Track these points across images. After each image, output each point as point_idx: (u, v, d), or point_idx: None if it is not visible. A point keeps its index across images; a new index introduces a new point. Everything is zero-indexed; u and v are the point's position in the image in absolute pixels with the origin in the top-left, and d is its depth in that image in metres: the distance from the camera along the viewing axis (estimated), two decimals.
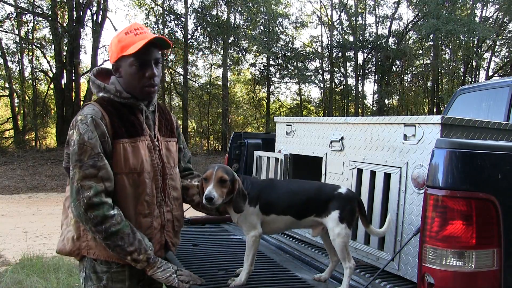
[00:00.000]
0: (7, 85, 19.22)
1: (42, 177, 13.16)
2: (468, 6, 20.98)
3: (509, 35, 22.96)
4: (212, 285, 1.98)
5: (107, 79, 1.96)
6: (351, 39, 23.69)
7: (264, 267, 2.29)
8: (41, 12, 18.53)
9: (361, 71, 24.49)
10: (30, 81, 20.53)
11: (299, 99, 26.55)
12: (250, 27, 20.76)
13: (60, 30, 17.13)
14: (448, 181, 1.58)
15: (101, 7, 17.54)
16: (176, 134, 2.15)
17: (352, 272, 1.97)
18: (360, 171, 2.32)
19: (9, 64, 19.04)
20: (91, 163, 1.72)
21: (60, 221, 2.00)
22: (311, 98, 27.69)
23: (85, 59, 22.10)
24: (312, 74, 23.46)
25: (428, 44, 23.35)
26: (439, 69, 23.14)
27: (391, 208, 2.09)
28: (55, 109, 18.89)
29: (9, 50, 19.23)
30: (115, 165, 1.80)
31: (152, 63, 1.87)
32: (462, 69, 24.21)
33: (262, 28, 21.71)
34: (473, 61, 22.27)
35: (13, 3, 17.89)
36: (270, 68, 23.72)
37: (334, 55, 24.23)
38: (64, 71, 17.16)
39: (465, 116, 2.00)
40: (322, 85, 24.21)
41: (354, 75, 24.61)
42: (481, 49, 22.95)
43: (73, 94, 17.19)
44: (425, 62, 25.57)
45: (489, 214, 1.58)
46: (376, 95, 24.80)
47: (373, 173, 2.23)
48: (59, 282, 4.20)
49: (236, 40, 20.78)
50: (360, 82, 24.73)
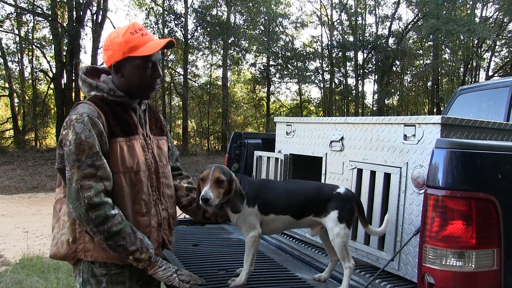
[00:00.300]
0: (7, 85, 19.24)
1: (42, 177, 13.17)
2: (468, 6, 20.98)
3: (509, 35, 22.95)
4: (212, 285, 1.98)
5: (97, 78, 1.92)
6: (351, 39, 23.69)
7: (264, 267, 2.29)
8: (41, 12, 18.53)
9: (361, 71, 24.48)
10: (30, 81, 20.55)
11: (299, 99, 26.55)
12: (250, 27, 20.74)
13: (60, 30, 17.13)
14: (448, 181, 1.58)
15: (101, 7, 17.55)
16: (165, 132, 2.15)
17: (352, 272, 1.97)
18: (360, 171, 2.32)
19: (9, 64, 19.09)
20: (89, 163, 1.69)
21: (51, 225, 1.94)
22: (311, 98, 27.73)
23: (85, 59, 22.12)
24: (312, 74, 23.46)
25: (428, 44, 23.35)
26: (439, 69, 23.14)
27: (391, 208, 2.09)
28: (55, 109, 18.88)
29: (9, 50, 19.26)
30: (112, 165, 1.77)
31: (158, 64, 1.89)
32: (462, 69, 24.20)
33: (262, 28, 21.71)
34: (473, 61, 22.26)
35: (13, 3, 17.90)
36: (270, 68, 23.71)
37: (334, 55, 24.22)
38: (64, 71, 17.15)
39: (465, 116, 2.00)
40: (322, 85, 24.22)
41: (354, 75, 24.62)
42: (481, 49, 22.94)
43: (73, 94, 17.17)
44: (425, 62, 25.57)
45: (489, 214, 1.58)
46: (376, 95, 24.81)
47: (373, 173, 2.23)
48: (59, 282, 4.20)
49: (236, 40, 20.77)
50: (360, 82, 24.74)
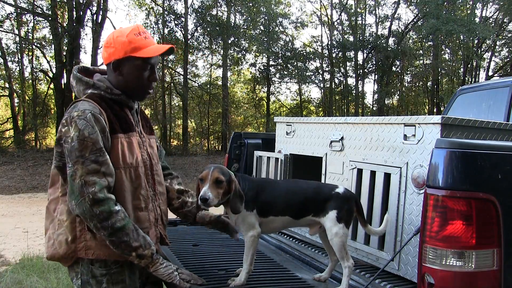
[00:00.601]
0: (7, 85, 19.23)
1: (42, 177, 13.16)
2: (468, 6, 20.98)
3: (509, 35, 22.95)
4: (212, 285, 1.98)
5: (89, 77, 1.94)
6: (351, 39, 23.69)
7: (264, 267, 2.29)
8: (41, 12, 18.53)
9: (361, 71, 24.48)
10: (30, 81, 20.54)
11: (299, 99, 26.56)
12: (250, 27, 20.74)
13: (60, 30, 17.12)
14: (448, 181, 1.58)
15: (101, 7, 17.54)
16: (154, 132, 2.20)
17: (351, 272, 1.97)
18: (360, 171, 2.32)
19: (9, 64, 19.08)
20: (93, 159, 1.69)
21: (44, 226, 1.92)
22: (311, 98, 27.73)
23: (85, 59, 22.11)
24: (312, 74, 23.45)
25: (428, 44, 23.35)
26: (439, 69, 23.13)
27: (391, 208, 2.09)
28: (55, 109, 18.87)
29: (9, 50, 19.25)
30: (114, 160, 1.79)
31: (155, 68, 1.94)
32: (462, 69, 24.19)
33: (262, 28, 21.70)
34: (473, 61, 22.26)
35: (13, 3, 17.90)
36: (270, 68, 23.71)
37: (334, 55, 24.22)
38: (64, 71, 17.13)
39: (465, 116, 2.00)
40: (322, 85, 24.22)
41: (354, 75, 24.62)
42: (481, 49, 22.94)
43: (73, 94, 17.15)
44: (425, 62, 25.57)
45: (489, 214, 1.58)
46: (376, 95, 24.80)
47: (373, 173, 2.23)
48: (59, 282, 4.20)
49: (236, 40, 20.78)
50: (360, 82, 24.74)
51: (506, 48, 23.76)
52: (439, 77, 24.61)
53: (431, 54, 23.79)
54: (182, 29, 20.32)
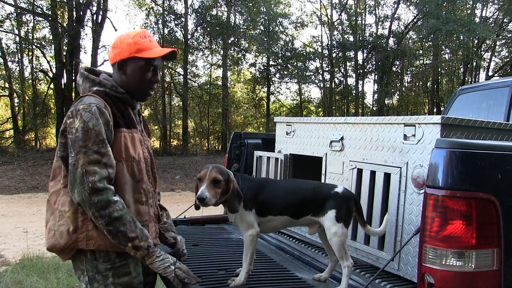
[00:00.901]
0: (7, 85, 19.20)
1: (42, 177, 13.15)
2: (468, 6, 20.97)
3: (509, 35, 22.94)
4: (212, 285, 1.99)
5: (95, 77, 2.01)
6: (351, 39, 23.68)
7: (264, 267, 2.29)
8: (41, 12, 18.50)
9: (361, 71, 24.48)
10: (30, 81, 20.50)
11: (299, 99, 26.54)
12: (250, 27, 20.73)
13: (60, 30, 17.10)
14: (448, 181, 1.58)
15: (101, 7, 17.52)
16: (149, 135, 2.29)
17: (351, 271, 1.97)
18: (360, 171, 2.32)
19: (9, 64, 19.03)
20: (95, 149, 1.76)
21: (45, 219, 1.96)
22: (311, 98, 27.71)
23: (85, 59, 22.09)
24: (312, 74, 23.44)
25: (428, 44, 23.34)
26: (439, 69, 23.12)
27: (391, 208, 2.09)
28: (55, 109, 18.86)
29: (9, 50, 19.20)
30: (116, 153, 1.85)
31: (158, 70, 2.02)
32: (462, 69, 24.19)
33: (262, 28, 21.69)
34: (473, 61, 22.25)
35: (13, 3, 17.87)
36: (270, 68, 23.69)
37: (334, 55, 24.21)
38: (64, 71, 17.12)
39: (465, 116, 2.00)
40: (322, 85, 24.20)
41: (354, 75, 24.61)
42: (481, 49, 22.93)
43: (73, 94, 17.16)
44: (425, 62, 25.56)
45: (489, 214, 1.58)
46: (376, 95, 24.79)
47: (373, 173, 2.23)
48: (59, 282, 4.20)
49: (236, 40, 20.77)
50: (360, 82, 24.73)
51: (506, 48, 23.75)
52: (439, 77, 24.60)
53: (431, 54, 23.78)
54: (182, 29, 20.31)
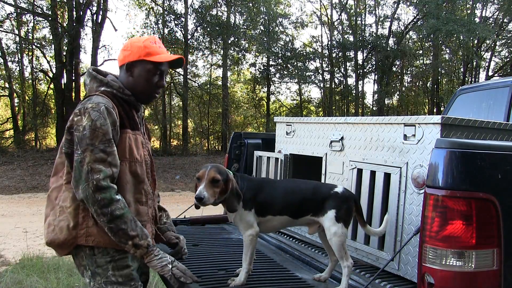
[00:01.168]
0: (7, 85, 19.20)
1: (42, 177, 13.15)
2: (468, 6, 20.96)
3: (509, 35, 22.93)
4: (212, 285, 1.99)
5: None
6: (351, 39, 23.67)
7: (264, 267, 2.29)
8: (41, 12, 18.50)
9: (361, 71, 24.47)
10: (30, 81, 20.49)
11: (299, 99, 26.54)
12: (250, 27, 20.72)
13: (60, 30, 17.10)
14: (448, 181, 1.58)
15: (101, 7, 17.52)
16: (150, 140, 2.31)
17: (351, 271, 1.97)
18: (360, 171, 2.32)
19: (9, 64, 19.01)
20: (101, 148, 1.78)
21: (44, 214, 1.98)
22: (311, 98, 27.70)
23: (85, 59, 22.08)
24: (312, 74, 23.44)
25: (428, 44, 23.33)
26: (439, 69, 23.12)
27: (391, 208, 2.09)
28: (55, 109, 18.86)
29: (9, 50, 19.19)
30: (121, 153, 1.88)
31: (164, 75, 2.06)
32: (462, 69, 24.19)
33: (262, 28, 21.68)
34: (473, 61, 22.24)
35: (13, 3, 17.86)
36: (270, 68, 23.69)
37: (334, 55, 24.21)
38: (64, 71, 17.12)
39: (465, 116, 2.00)
40: (322, 85, 24.20)
41: (354, 75, 24.60)
42: (481, 49, 22.93)
43: (73, 94, 17.16)
44: (425, 62, 25.56)
45: (489, 214, 1.58)
46: (376, 95, 24.78)
47: (373, 173, 2.23)
48: (59, 282, 4.20)
49: (236, 40, 20.77)
50: (360, 82, 24.73)
51: (506, 48, 23.74)
52: (439, 77, 24.59)
53: (431, 54, 23.77)
54: (182, 29, 20.29)
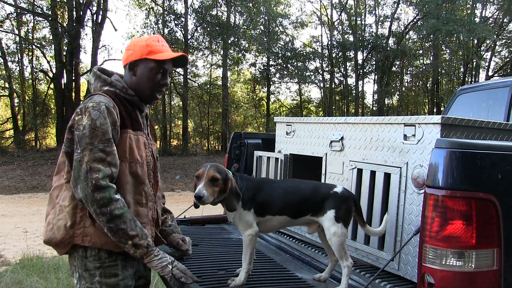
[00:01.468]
0: (7, 85, 19.21)
1: (42, 177, 13.16)
2: (468, 6, 20.96)
3: (509, 35, 22.93)
4: (212, 285, 1.99)
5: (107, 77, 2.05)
6: (351, 39, 23.68)
7: (264, 267, 2.29)
8: (41, 12, 18.52)
9: (361, 71, 24.48)
10: (30, 81, 20.50)
11: (299, 99, 26.54)
12: (250, 27, 20.72)
13: (60, 30, 17.11)
14: (448, 181, 1.58)
15: (101, 7, 17.53)
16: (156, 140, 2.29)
17: (350, 271, 1.97)
18: (360, 171, 2.32)
19: (9, 64, 19.04)
20: (101, 147, 1.78)
21: (46, 212, 1.98)
22: (311, 98, 27.72)
23: (85, 59, 22.12)
24: (312, 74, 23.45)
25: (428, 44, 23.33)
26: (439, 69, 23.12)
27: (391, 208, 2.09)
28: (55, 109, 18.87)
29: (9, 50, 19.22)
30: (120, 153, 1.87)
31: (167, 74, 2.05)
32: (462, 69, 24.19)
33: (262, 28, 21.69)
34: (473, 61, 22.24)
35: (13, 3, 17.87)
36: (270, 68, 23.70)
37: (334, 55, 24.22)
38: (64, 71, 17.13)
39: (465, 116, 2.00)
40: (322, 85, 24.21)
41: (354, 75, 24.61)
42: (481, 49, 22.93)
43: (73, 94, 17.17)
44: (425, 62, 25.56)
45: (489, 214, 1.58)
46: (376, 95, 24.80)
47: (373, 173, 2.23)
48: (59, 282, 4.20)
49: (236, 40, 20.77)
50: (360, 82, 24.73)
51: (506, 48, 23.75)
52: (439, 77, 24.60)
53: (431, 54, 23.78)
54: (182, 29, 20.31)
